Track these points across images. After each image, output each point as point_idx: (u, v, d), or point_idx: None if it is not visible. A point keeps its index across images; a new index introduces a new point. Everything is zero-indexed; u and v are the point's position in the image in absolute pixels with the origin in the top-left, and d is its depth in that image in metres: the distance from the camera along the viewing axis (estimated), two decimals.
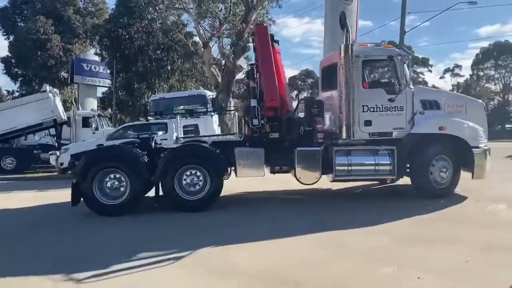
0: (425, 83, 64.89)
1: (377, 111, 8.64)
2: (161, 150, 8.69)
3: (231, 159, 8.60)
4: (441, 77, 62.02)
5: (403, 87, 8.69)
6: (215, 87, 24.71)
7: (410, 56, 8.85)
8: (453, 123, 8.89)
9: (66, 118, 18.24)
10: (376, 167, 8.68)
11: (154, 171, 8.16)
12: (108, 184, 8.04)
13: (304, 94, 79.96)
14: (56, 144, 17.57)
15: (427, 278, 4.45)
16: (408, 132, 8.76)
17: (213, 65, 24.53)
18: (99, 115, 20.38)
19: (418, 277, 4.45)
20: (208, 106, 17.05)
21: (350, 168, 8.65)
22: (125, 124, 16.80)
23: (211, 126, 16.83)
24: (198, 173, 8.24)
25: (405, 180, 9.57)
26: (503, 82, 58.94)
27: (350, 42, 8.39)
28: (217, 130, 17.69)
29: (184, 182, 8.23)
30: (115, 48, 29.85)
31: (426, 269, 4.73)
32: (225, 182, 8.76)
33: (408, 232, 6.44)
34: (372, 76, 9.64)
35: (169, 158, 8.19)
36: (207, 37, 24.68)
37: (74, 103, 26.70)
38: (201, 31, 24.56)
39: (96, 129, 18.63)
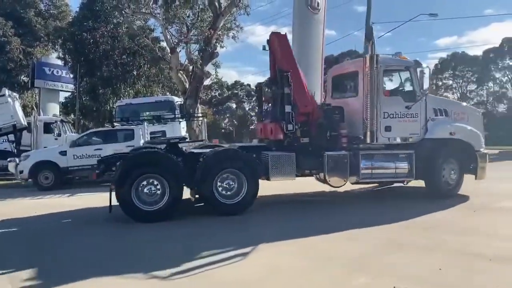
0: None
1: (395, 117, 9.21)
2: (193, 155, 8.68)
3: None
4: None
5: (421, 96, 9.28)
6: (182, 93, 24.44)
7: (428, 67, 9.45)
8: (462, 129, 9.72)
9: (26, 123, 17.47)
10: (397, 170, 9.24)
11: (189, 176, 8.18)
12: (145, 190, 7.86)
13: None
14: (15, 150, 16.77)
15: (402, 287, 4.46)
16: (422, 137, 9.44)
17: (181, 71, 24.29)
18: (61, 121, 19.72)
19: (394, 286, 4.46)
20: (176, 112, 16.78)
21: (373, 171, 9.17)
22: (90, 130, 16.29)
23: (179, 133, 16.60)
24: (234, 177, 8.33)
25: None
26: (460, 91, 61.09)
27: (375, 53, 8.92)
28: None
29: (220, 186, 8.27)
30: (79, 52, 29.05)
31: (402, 277, 4.75)
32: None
33: (387, 238, 6.47)
34: (391, 85, 10.17)
35: (208, 163, 8.20)
36: (175, 43, 24.44)
37: (35, 108, 25.70)
38: (168, 36, 24.30)
39: (59, 135, 18.03)
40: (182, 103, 19.12)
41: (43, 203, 11.01)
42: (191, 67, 24.37)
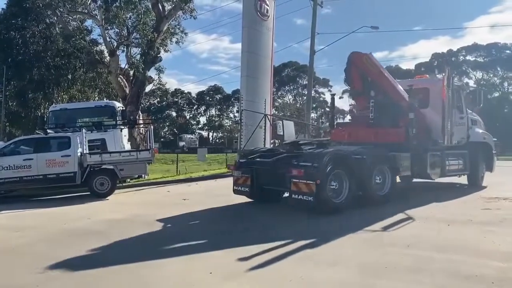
0: (326, 102, 68.33)
1: (455, 125, 11.35)
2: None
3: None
4: (340, 97, 65.37)
5: (476, 108, 12.22)
6: (122, 99, 23.13)
7: (481, 89, 11.90)
8: (487, 135, 12.87)
9: None
10: (459, 166, 11.59)
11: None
12: (330, 186, 8.51)
13: (213, 110, 79.88)
14: None
15: None
16: (466, 141, 11.82)
17: (121, 75, 22.99)
18: None
19: None
20: (118, 119, 15.51)
21: (450, 167, 11.19)
22: (19, 138, 14.59)
23: (120, 141, 15.38)
24: (380, 173, 9.49)
25: None
26: None
27: (452, 76, 10.86)
28: (127, 145, 16.27)
29: (373, 181, 9.28)
30: (5, 52, 26.73)
31: None
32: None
33: (369, 259, 5.42)
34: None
35: (370, 160, 9.20)
36: (114, 45, 23.11)
37: None
38: (107, 38, 22.93)
39: None
40: (123, 109, 17.83)
41: None
42: (132, 72, 23.16)
